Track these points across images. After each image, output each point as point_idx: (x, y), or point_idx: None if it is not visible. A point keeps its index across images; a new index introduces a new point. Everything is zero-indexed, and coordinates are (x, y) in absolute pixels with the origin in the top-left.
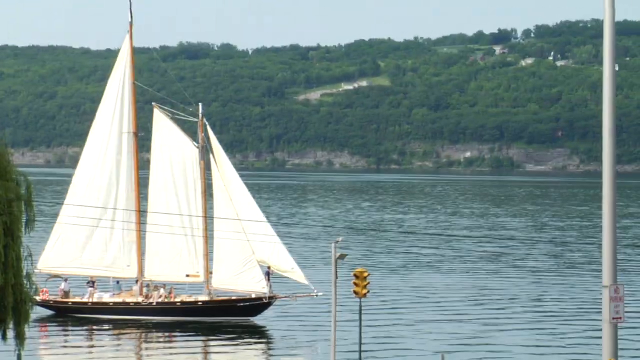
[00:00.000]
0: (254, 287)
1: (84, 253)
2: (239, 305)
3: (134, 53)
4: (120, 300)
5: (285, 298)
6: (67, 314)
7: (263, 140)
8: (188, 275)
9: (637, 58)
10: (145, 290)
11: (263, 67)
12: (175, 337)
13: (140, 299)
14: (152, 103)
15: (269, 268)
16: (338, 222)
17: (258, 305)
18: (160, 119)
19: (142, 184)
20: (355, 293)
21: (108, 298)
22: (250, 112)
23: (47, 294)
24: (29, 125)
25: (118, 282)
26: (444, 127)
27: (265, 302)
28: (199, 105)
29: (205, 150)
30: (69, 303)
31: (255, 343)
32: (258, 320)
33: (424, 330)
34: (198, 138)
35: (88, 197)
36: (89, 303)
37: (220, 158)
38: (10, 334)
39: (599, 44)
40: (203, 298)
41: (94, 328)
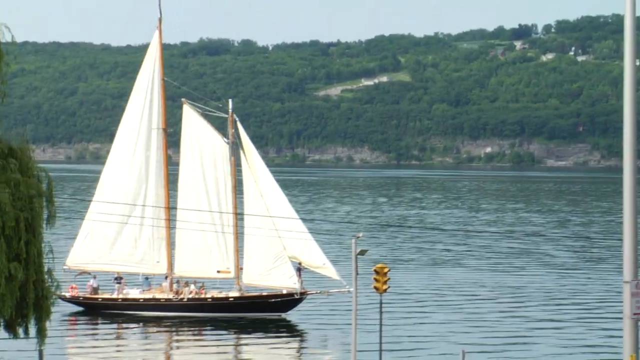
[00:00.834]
0: (286, 283)
1: (114, 249)
2: (271, 301)
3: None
4: (151, 297)
5: (317, 294)
6: (97, 311)
7: (283, 136)
8: (219, 272)
9: None
10: (176, 287)
11: (283, 63)
12: (206, 333)
13: (171, 295)
14: (181, 99)
15: (300, 264)
16: (358, 217)
17: (289, 301)
18: (190, 115)
19: (171, 180)
20: (376, 289)
21: (138, 294)
22: (271, 108)
23: (76, 291)
24: (50, 122)
25: (147, 278)
26: (465, 122)
27: (297, 298)
28: (229, 101)
29: (236, 147)
30: (99, 299)
31: (287, 339)
32: (289, 316)
33: (445, 327)
34: (228, 134)
35: (117, 193)
36: (119, 299)
37: (251, 154)
38: (32, 331)
39: (620, 39)
40: (234, 294)
41: (125, 324)
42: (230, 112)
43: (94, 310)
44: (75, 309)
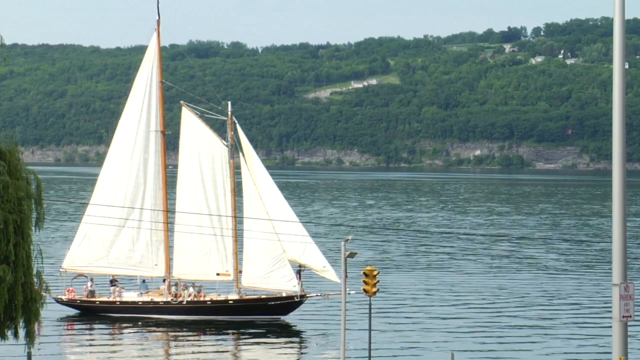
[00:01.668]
0: (285, 285)
1: (111, 252)
2: (270, 304)
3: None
4: (149, 300)
5: (317, 297)
6: (94, 314)
7: (273, 139)
8: (219, 274)
9: None
10: (175, 289)
11: (273, 65)
12: (206, 335)
13: (170, 298)
14: (180, 102)
15: (300, 267)
16: (348, 220)
17: (289, 304)
18: (189, 118)
19: (169, 183)
20: (365, 291)
21: (136, 297)
22: (260, 110)
23: (73, 293)
24: (39, 124)
25: (144, 281)
26: (454, 125)
27: (297, 300)
28: (228, 104)
29: (235, 149)
30: (97, 302)
31: (286, 342)
32: (289, 319)
33: (434, 329)
34: (227, 136)
35: (115, 195)
36: (118, 302)
37: (250, 157)
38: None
39: (609, 42)
40: (233, 297)
41: (123, 327)
42: (230, 114)
43: (92, 313)
44: (73, 312)
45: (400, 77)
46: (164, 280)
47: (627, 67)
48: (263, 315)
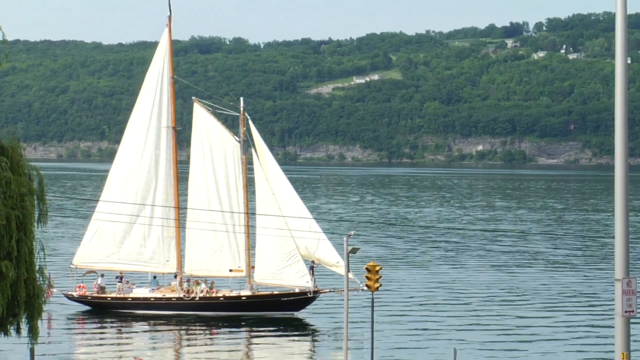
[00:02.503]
0: (298, 281)
1: (122, 248)
2: (283, 300)
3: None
4: (161, 296)
5: (330, 292)
6: (106, 310)
7: (275, 134)
8: (231, 270)
9: None
10: (186, 285)
11: (275, 61)
12: (218, 331)
13: (182, 294)
14: (192, 97)
15: (313, 262)
16: (350, 216)
17: (302, 300)
18: (201, 114)
19: (181, 179)
20: (368, 287)
21: (148, 293)
22: (262, 106)
23: (84, 290)
24: (41, 120)
25: (155, 277)
26: (456, 120)
27: (310, 296)
28: (241, 100)
29: (247, 145)
30: (108, 299)
31: (299, 337)
32: (302, 315)
33: (437, 324)
34: (239, 132)
35: (126, 192)
36: (129, 299)
37: (263, 152)
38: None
39: (611, 37)
40: (245, 293)
41: (135, 323)
42: (242, 110)
43: (103, 310)
44: (83, 308)
45: (403, 72)
46: (176, 276)
47: (629, 62)
48: (276, 311)
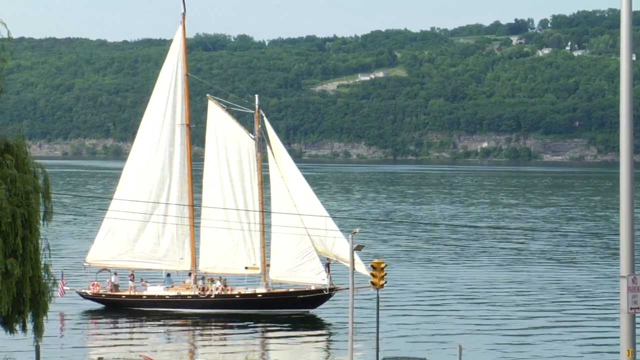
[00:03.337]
0: (314, 279)
1: (136, 246)
2: (300, 297)
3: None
4: (176, 294)
5: (346, 290)
6: (120, 308)
7: (280, 132)
8: (247, 268)
9: None
10: (201, 283)
11: (280, 58)
12: (234, 329)
13: (197, 292)
14: (206, 95)
15: (329, 260)
16: (355, 213)
17: (318, 297)
18: (215, 111)
19: (195, 177)
20: (373, 284)
21: (162, 291)
22: (267, 103)
23: (98, 288)
24: (46, 118)
25: (169, 275)
26: (461, 117)
27: (326, 294)
28: (256, 97)
29: (262, 142)
30: (123, 297)
31: (315, 335)
32: (317, 312)
33: (442, 322)
34: (254, 130)
35: (140, 189)
36: (144, 296)
37: (278, 150)
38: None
39: (616, 34)
40: (261, 290)
41: (149, 321)
42: (257, 107)
43: (117, 308)
44: (97, 306)
45: (407, 69)
46: (190, 274)
47: (634, 58)
48: (291, 309)
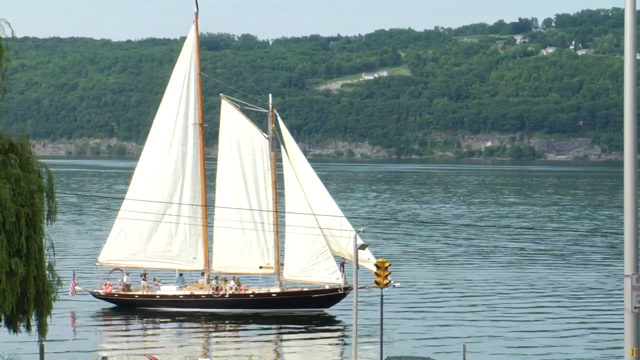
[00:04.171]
0: (328, 278)
1: (149, 246)
2: (314, 297)
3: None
4: (190, 293)
5: (362, 289)
6: (133, 308)
7: None
8: (261, 267)
9: None
10: (215, 283)
11: (284, 57)
12: (248, 329)
13: (211, 292)
14: (219, 94)
15: (344, 259)
16: (360, 212)
17: (333, 297)
18: (228, 110)
19: (208, 176)
20: (377, 283)
21: (176, 291)
22: (261, 103)
23: (111, 288)
24: (50, 117)
25: (181, 274)
26: (465, 116)
27: (340, 293)
28: (269, 96)
29: (276, 142)
30: (136, 296)
31: (330, 334)
32: (332, 312)
33: (446, 320)
34: (268, 129)
35: (153, 189)
36: (158, 296)
37: (292, 149)
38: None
39: (620, 33)
40: (275, 290)
41: (163, 321)
42: (271, 106)
43: (130, 307)
44: (109, 306)
45: (411, 68)
46: (203, 274)
47: (638, 57)
48: (306, 308)
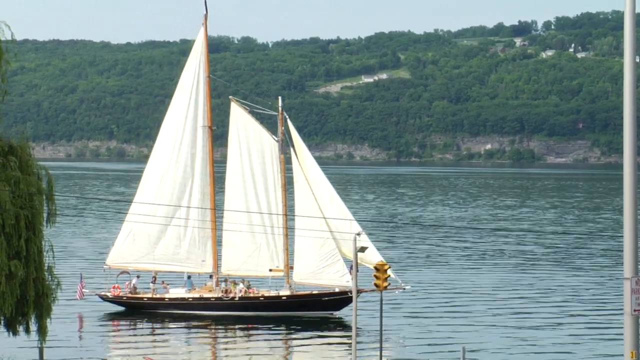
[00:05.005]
0: (338, 281)
1: (157, 248)
2: (324, 300)
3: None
4: (199, 296)
5: (371, 292)
6: (141, 311)
7: None
8: (271, 270)
9: None
10: (223, 286)
11: (283, 60)
12: (257, 331)
13: (220, 294)
14: (229, 97)
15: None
16: (360, 215)
17: (343, 300)
18: (238, 113)
19: (217, 179)
20: (376, 286)
21: (184, 293)
22: (271, 105)
23: (119, 290)
24: (50, 119)
25: (189, 277)
26: (465, 119)
27: (350, 296)
28: (279, 99)
29: (286, 144)
30: (144, 299)
31: (340, 337)
32: (341, 314)
33: (446, 323)
34: (278, 131)
35: (161, 191)
36: (166, 299)
37: (302, 152)
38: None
39: (620, 36)
40: (285, 292)
41: (171, 324)
42: (280, 109)
43: (138, 310)
44: (117, 309)
45: (411, 71)
46: (211, 277)
47: (638, 60)
48: (316, 311)
